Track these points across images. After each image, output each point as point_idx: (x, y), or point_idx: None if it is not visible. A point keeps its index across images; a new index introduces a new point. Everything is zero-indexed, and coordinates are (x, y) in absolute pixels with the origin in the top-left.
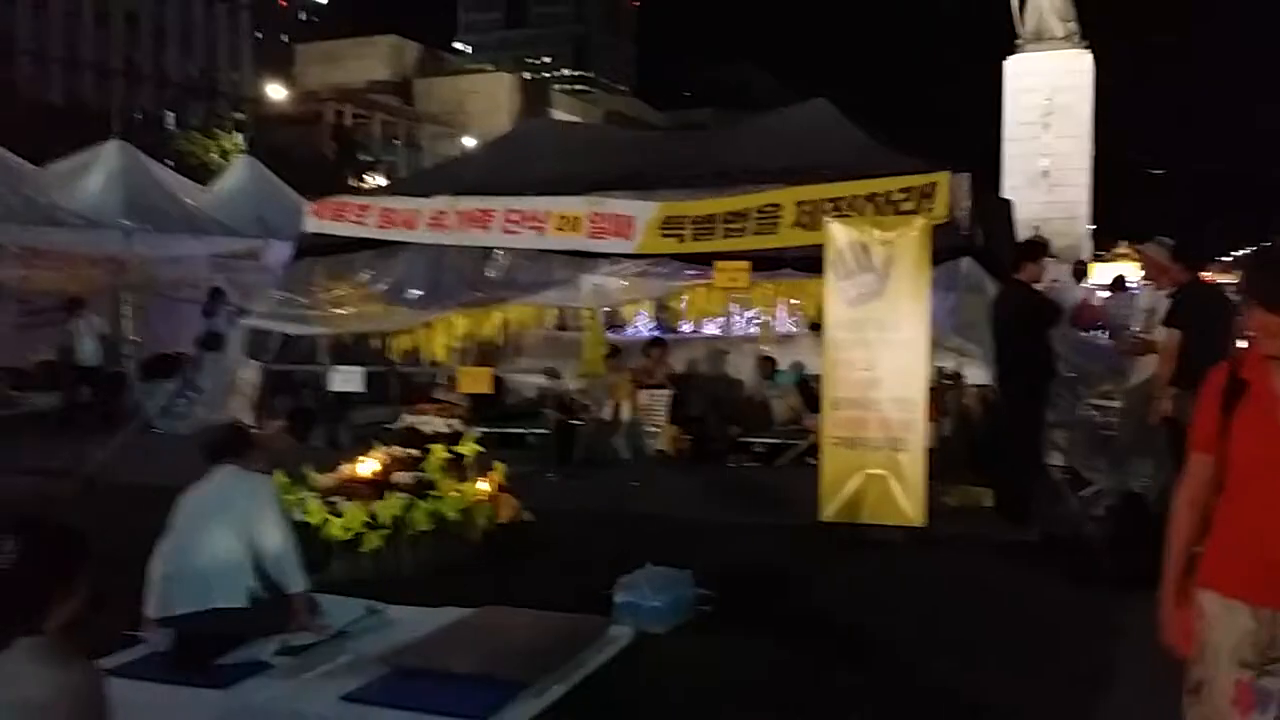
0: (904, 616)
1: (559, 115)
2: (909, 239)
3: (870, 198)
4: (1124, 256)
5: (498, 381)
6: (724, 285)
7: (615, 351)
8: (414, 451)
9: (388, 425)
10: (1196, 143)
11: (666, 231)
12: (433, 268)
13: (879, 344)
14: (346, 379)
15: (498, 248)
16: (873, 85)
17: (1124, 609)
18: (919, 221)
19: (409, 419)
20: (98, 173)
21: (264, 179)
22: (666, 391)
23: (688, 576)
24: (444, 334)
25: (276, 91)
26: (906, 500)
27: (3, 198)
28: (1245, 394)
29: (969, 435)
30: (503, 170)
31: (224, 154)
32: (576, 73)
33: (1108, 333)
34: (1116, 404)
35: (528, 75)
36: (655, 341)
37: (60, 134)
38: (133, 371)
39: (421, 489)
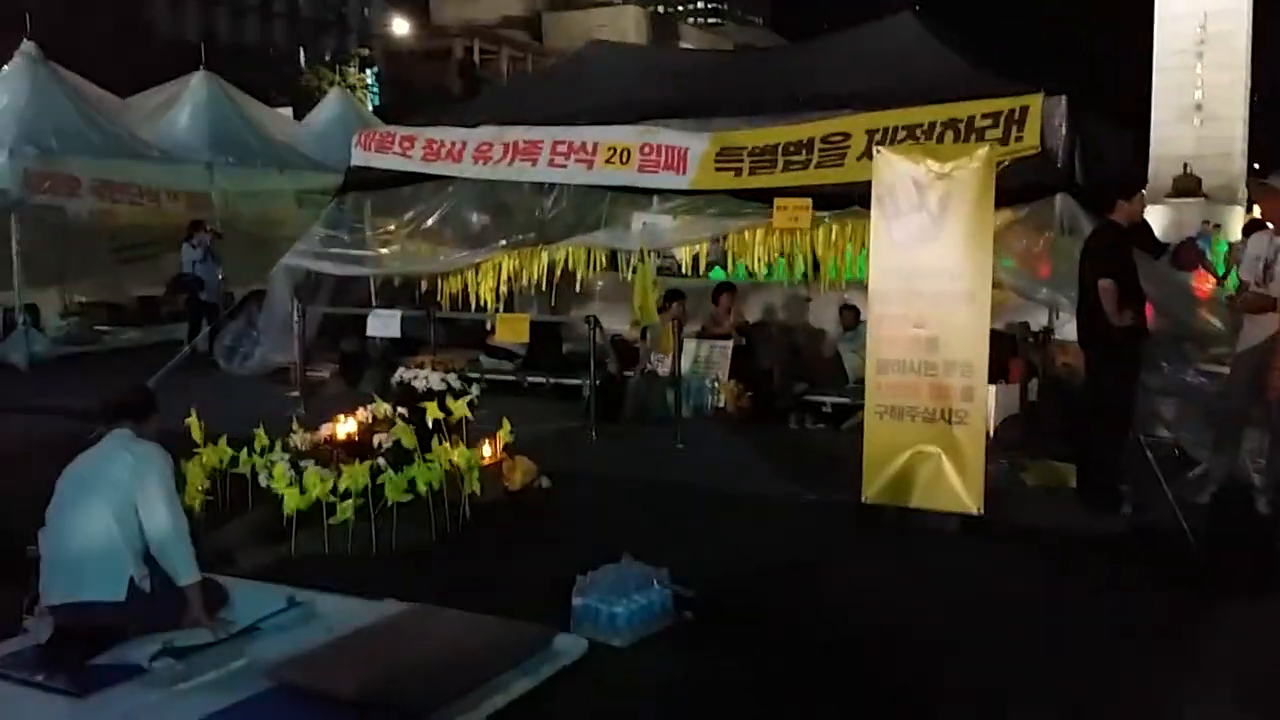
0: (935, 631)
1: (688, 48)
2: (969, 172)
3: (950, 124)
4: None
5: (554, 329)
6: (783, 225)
7: (676, 296)
8: (401, 410)
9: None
10: None
11: (722, 165)
12: (481, 203)
13: (933, 297)
14: (384, 324)
15: (544, 182)
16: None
17: (1216, 626)
18: (981, 151)
19: (403, 374)
20: (183, 105)
21: (356, 113)
22: (728, 342)
23: (664, 575)
24: (491, 277)
25: (400, 26)
26: (962, 483)
27: (80, 130)
28: None
29: (1061, 400)
30: (556, 97)
31: (350, 90)
32: (710, 4)
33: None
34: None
35: (660, 9)
36: (724, 287)
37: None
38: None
39: (402, 454)
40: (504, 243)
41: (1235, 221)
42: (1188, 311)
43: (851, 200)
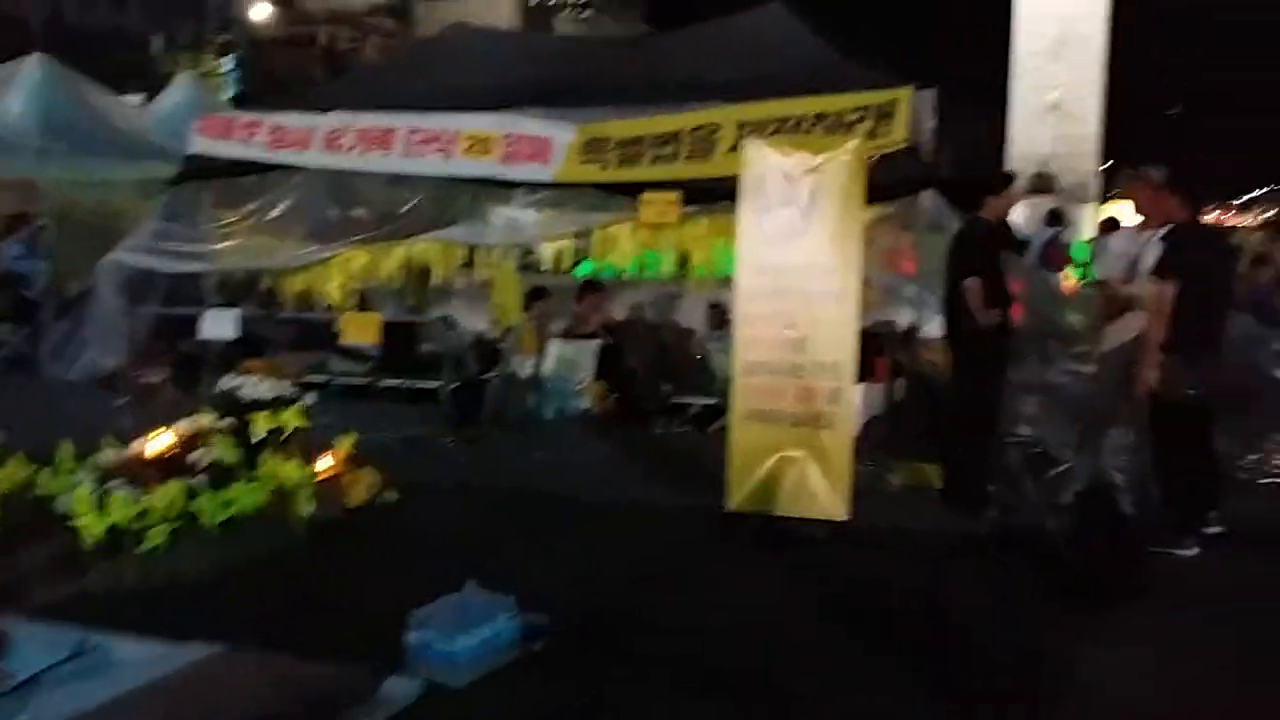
0: (800, 650)
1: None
2: (839, 165)
3: (820, 118)
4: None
5: (410, 329)
6: (650, 220)
7: (540, 295)
8: (221, 424)
9: None
10: (1226, 81)
11: (588, 157)
12: (331, 195)
13: (802, 296)
14: (219, 324)
15: (399, 173)
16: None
17: (1082, 634)
18: (851, 144)
19: (230, 381)
20: (15, 89)
21: (207, 99)
22: (594, 342)
23: (511, 603)
24: (340, 274)
25: (261, 12)
26: (828, 489)
27: None
28: None
29: (928, 400)
30: (414, 83)
31: (207, 77)
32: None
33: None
34: (1090, 369)
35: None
36: (590, 285)
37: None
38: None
39: (224, 471)
40: (355, 237)
41: (1085, 219)
42: (1054, 310)
43: (721, 195)
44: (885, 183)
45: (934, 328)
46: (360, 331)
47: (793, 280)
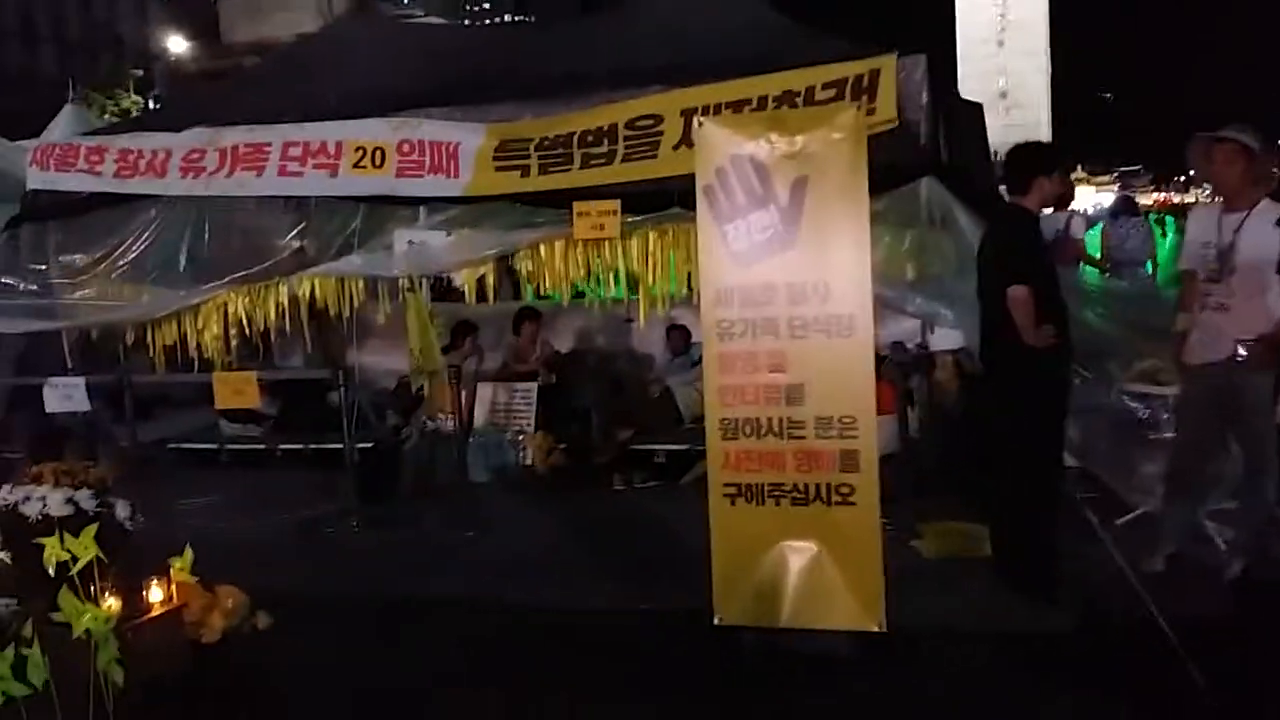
0: None
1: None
2: (831, 146)
3: (786, 97)
4: (1082, 181)
5: (318, 381)
6: (587, 235)
7: (466, 330)
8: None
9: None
10: (1154, 70)
11: (504, 163)
12: (199, 227)
13: (793, 328)
14: (64, 396)
15: (276, 195)
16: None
17: None
18: (845, 117)
19: (10, 494)
20: None
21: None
22: (533, 384)
23: None
24: (216, 322)
25: (178, 45)
26: (853, 589)
27: None
28: None
29: (948, 433)
30: (287, 89)
31: (125, 115)
32: (519, 17)
33: (1105, 273)
34: (1168, 390)
35: (466, 22)
36: (526, 313)
37: None
38: None
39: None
40: (229, 277)
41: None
42: (1088, 314)
43: (670, 200)
44: (873, 172)
45: (939, 342)
46: (234, 394)
47: (779, 308)
